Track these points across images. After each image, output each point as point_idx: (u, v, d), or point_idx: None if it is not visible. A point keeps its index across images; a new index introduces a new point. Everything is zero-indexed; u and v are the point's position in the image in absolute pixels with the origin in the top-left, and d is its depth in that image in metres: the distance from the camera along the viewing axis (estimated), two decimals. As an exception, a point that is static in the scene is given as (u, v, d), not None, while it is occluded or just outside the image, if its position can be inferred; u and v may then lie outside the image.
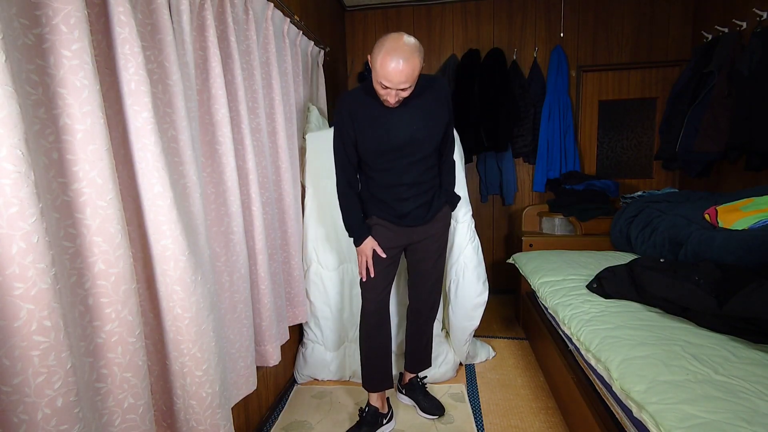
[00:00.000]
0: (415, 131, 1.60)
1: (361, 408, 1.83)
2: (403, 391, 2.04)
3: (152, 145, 0.99)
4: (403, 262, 2.07)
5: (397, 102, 1.51)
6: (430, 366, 2.06)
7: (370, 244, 1.71)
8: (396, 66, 1.39)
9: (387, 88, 1.45)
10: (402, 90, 1.46)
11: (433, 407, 1.91)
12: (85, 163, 0.84)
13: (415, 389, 2.00)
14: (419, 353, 1.99)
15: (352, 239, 1.74)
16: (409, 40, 1.42)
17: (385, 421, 1.82)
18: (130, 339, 0.93)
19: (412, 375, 2.03)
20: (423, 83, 1.60)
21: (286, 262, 2.00)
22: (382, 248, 1.72)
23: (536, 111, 3.24)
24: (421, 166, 1.67)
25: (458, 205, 2.09)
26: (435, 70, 3.39)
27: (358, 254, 1.75)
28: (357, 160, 1.70)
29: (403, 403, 2.04)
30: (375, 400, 1.83)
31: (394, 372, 2.17)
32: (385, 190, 1.69)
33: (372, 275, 1.73)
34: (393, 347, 2.20)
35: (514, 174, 3.36)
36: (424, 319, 1.94)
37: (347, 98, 1.65)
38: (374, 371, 1.82)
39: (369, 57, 1.51)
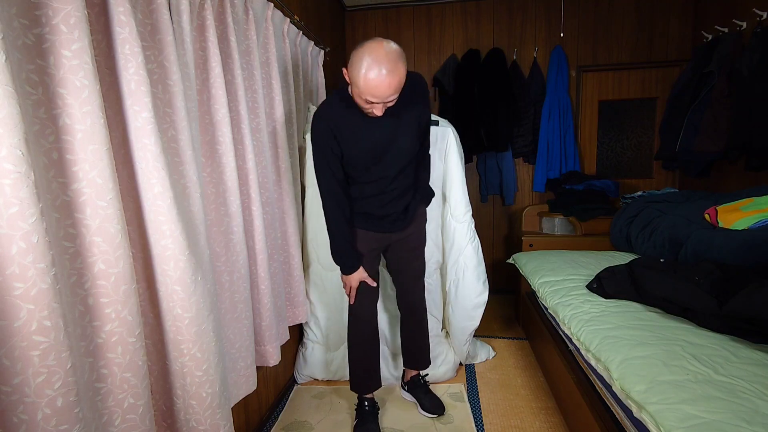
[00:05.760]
0: (402, 140, 1.54)
1: (357, 405, 1.84)
2: (406, 388, 2.06)
3: (152, 145, 0.98)
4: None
5: (382, 112, 1.40)
6: (429, 365, 2.05)
7: (358, 276, 1.66)
8: (381, 80, 1.25)
9: (373, 102, 1.33)
10: (389, 102, 1.35)
11: (434, 406, 1.91)
12: (85, 163, 0.84)
13: (417, 387, 2.00)
14: (417, 354, 1.99)
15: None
16: (390, 46, 1.26)
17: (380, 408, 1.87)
18: (130, 339, 0.93)
19: (414, 373, 2.03)
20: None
21: (286, 262, 2.00)
22: (362, 252, 1.68)
23: (536, 111, 3.24)
24: (404, 173, 1.63)
25: (458, 204, 2.10)
26: (435, 70, 3.39)
27: (343, 281, 1.69)
28: (344, 177, 1.58)
29: (406, 400, 2.05)
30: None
31: (396, 374, 2.17)
32: (369, 201, 1.64)
33: (351, 302, 1.74)
34: (391, 347, 2.20)
35: (514, 174, 3.36)
36: (418, 317, 1.93)
37: (325, 112, 1.48)
38: (366, 374, 1.84)
39: (345, 70, 1.35)
